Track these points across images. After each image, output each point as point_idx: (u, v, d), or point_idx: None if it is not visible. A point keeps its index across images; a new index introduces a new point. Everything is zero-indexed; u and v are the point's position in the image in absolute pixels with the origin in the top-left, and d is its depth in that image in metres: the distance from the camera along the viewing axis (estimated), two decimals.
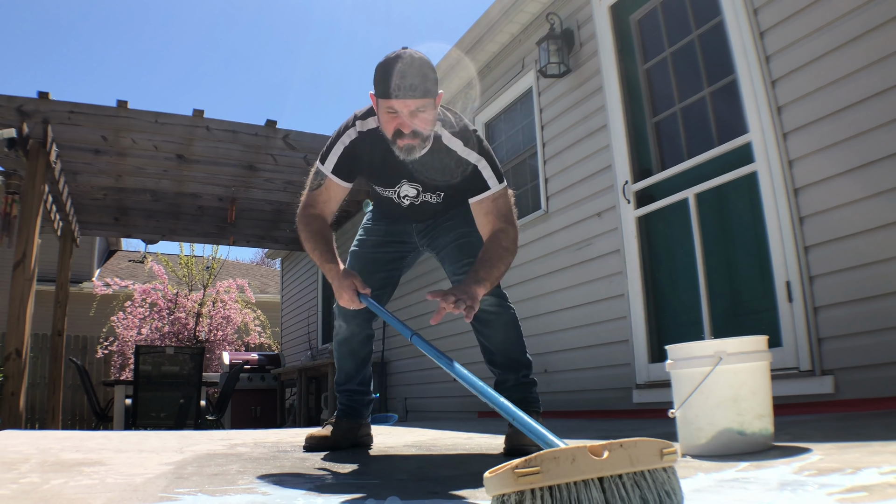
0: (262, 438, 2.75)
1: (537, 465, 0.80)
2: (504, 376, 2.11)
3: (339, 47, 66.60)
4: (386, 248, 2.25)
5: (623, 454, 0.85)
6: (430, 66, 1.76)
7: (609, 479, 0.84)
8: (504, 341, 2.10)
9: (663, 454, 0.88)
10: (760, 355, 1.57)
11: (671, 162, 3.43)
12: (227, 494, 1.31)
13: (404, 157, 1.82)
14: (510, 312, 2.11)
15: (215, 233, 7.92)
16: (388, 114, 1.76)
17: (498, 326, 2.09)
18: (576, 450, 0.83)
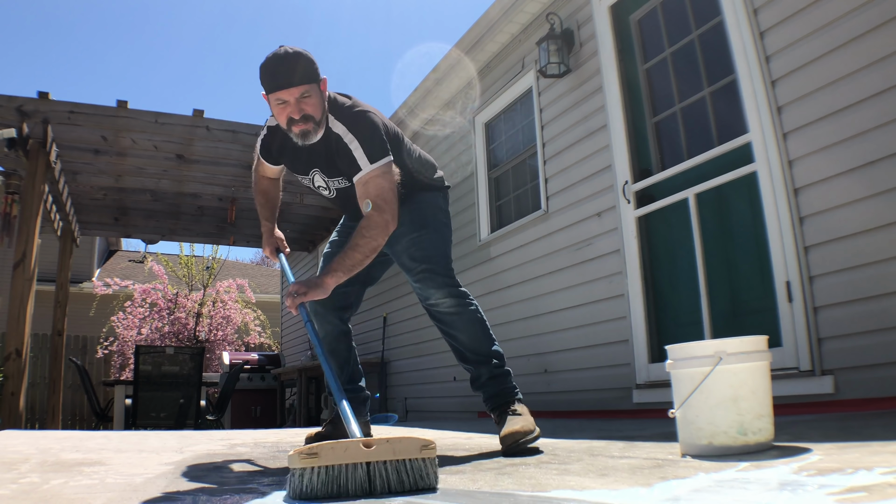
0: (262, 438, 2.75)
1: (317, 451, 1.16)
2: (477, 372, 2.12)
3: (339, 47, 66.61)
4: None
5: (388, 447, 1.20)
6: (307, 56, 1.89)
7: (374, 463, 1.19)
8: (470, 339, 2.11)
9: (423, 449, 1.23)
10: (760, 355, 1.57)
11: (671, 162, 3.43)
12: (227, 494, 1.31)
13: (302, 143, 1.93)
14: (470, 310, 2.13)
15: (215, 233, 7.92)
16: (278, 106, 1.88)
17: (461, 326, 2.11)
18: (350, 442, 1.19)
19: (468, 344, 2.11)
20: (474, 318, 2.13)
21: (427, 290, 2.10)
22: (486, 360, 2.11)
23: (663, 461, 1.54)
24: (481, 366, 2.11)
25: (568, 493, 1.19)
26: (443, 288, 2.09)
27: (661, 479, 1.27)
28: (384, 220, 1.87)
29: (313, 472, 1.15)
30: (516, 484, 1.34)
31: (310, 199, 6.95)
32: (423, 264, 2.09)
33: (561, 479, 1.39)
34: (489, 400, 2.08)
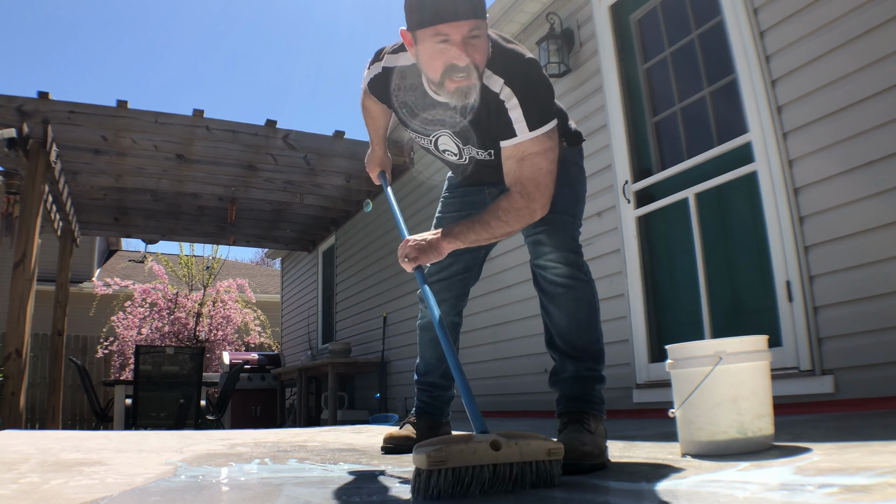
0: (262, 438, 2.75)
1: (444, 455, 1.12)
2: (562, 364, 1.72)
3: (339, 47, 66.60)
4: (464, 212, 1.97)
5: (516, 449, 1.17)
6: None
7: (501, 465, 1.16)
8: (569, 323, 1.69)
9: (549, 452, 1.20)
10: (760, 355, 1.57)
11: (671, 162, 3.43)
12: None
13: (457, 103, 1.49)
14: (586, 288, 1.70)
15: (215, 233, 7.92)
16: (435, 46, 1.42)
17: (564, 303, 1.68)
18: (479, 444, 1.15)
19: (564, 328, 1.69)
20: (584, 297, 1.69)
21: (541, 246, 1.69)
22: (579, 354, 1.70)
23: (663, 461, 1.54)
24: (569, 359, 1.70)
25: (567, 495, 1.19)
26: (560, 250, 1.67)
27: (661, 479, 1.27)
28: (531, 209, 1.51)
29: (440, 473, 1.12)
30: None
31: (310, 198, 6.95)
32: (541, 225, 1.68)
33: (561, 479, 1.39)
34: (563, 401, 1.69)
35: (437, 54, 1.43)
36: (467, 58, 1.41)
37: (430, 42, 1.43)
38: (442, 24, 1.39)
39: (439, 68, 1.44)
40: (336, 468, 1.69)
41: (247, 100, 67.53)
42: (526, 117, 1.48)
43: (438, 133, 1.70)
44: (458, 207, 2.00)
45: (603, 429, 1.62)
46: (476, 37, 1.42)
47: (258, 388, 8.47)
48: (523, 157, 1.51)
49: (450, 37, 1.40)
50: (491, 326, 4.66)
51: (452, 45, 1.40)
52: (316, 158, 5.96)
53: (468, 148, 1.69)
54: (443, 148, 1.75)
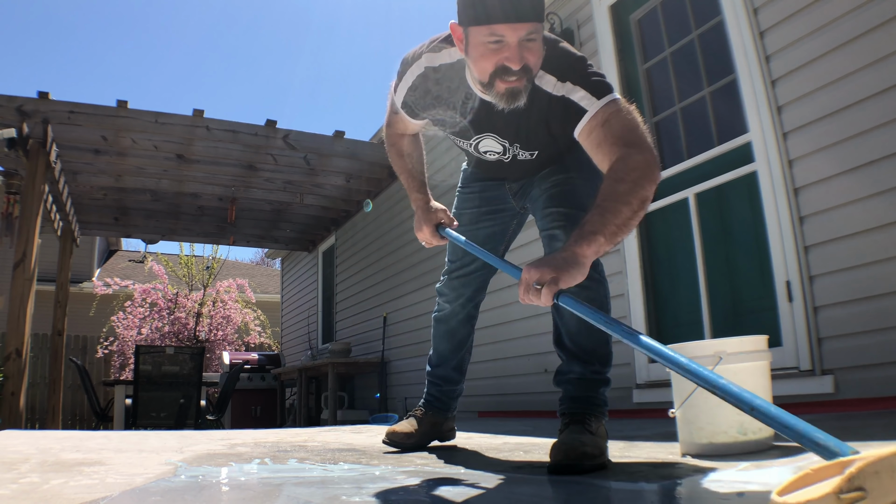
0: (262, 438, 2.75)
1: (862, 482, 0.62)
2: (569, 366, 1.69)
3: (339, 47, 66.64)
4: (483, 222, 1.95)
5: None
6: None
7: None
8: (579, 324, 1.64)
9: None
10: (760, 355, 1.57)
11: (671, 161, 3.43)
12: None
13: (506, 105, 1.41)
14: (599, 288, 1.65)
15: (215, 233, 7.93)
16: (488, 45, 1.36)
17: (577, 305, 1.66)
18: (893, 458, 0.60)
19: (574, 328, 1.66)
20: (597, 299, 1.64)
21: (556, 241, 1.64)
22: (587, 357, 1.68)
23: (663, 461, 1.54)
24: (576, 361, 1.68)
25: (566, 495, 1.19)
26: None
27: (661, 479, 1.27)
28: (646, 160, 1.33)
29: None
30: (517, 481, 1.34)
31: (310, 198, 6.95)
32: (563, 208, 1.63)
33: (560, 479, 1.39)
34: (566, 401, 1.67)
35: (490, 54, 1.37)
36: (521, 61, 1.35)
37: (483, 41, 1.37)
38: (499, 25, 1.33)
39: (489, 69, 1.38)
40: (336, 468, 1.69)
41: (247, 100, 67.58)
42: (591, 91, 1.42)
43: (483, 136, 1.64)
44: (476, 203, 1.95)
45: (604, 430, 1.62)
46: (533, 40, 1.36)
47: (258, 388, 8.47)
48: (607, 119, 1.39)
49: (505, 38, 1.34)
50: (491, 326, 4.65)
51: (507, 46, 1.35)
52: (316, 158, 5.96)
53: (514, 147, 1.64)
54: (484, 149, 1.69)
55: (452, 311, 2.04)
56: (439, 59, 1.57)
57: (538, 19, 1.35)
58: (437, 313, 2.11)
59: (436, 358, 2.12)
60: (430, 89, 1.61)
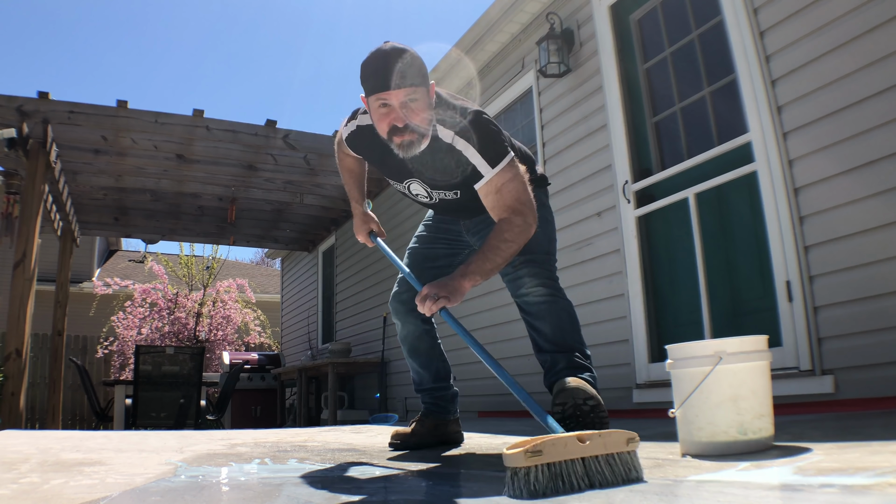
0: (262, 438, 2.75)
1: (541, 448, 1.14)
2: (553, 360, 1.90)
3: (339, 47, 66.65)
4: (438, 244, 2.20)
5: (600, 441, 1.21)
6: (416, 56, 1.69)
7: (589, 458, 1.19)
8: (554, 329, 1.91)
9: (628, 442, 1.24)
10: (760, 355, 1.57)
11: (671, 161, 3.43)
12: None
13: (404, 155, 1.74)
14: (564, 302, 1.94)
15: (215, 233, 7.93)
16: (379, 110, 1.69)
17: (547, 315, 1.91)
18: (568, 437, 1.18)
19: (550, 334, 1.91)
20: (566, 309, 1.93)
21: (521, 279, 1.93)
22: (566, 349, 1.89)
23: (663, 461, 1.54)
24: (559, 354, 1.90)
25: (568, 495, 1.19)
26: (538, 277, 1.92)
27: (661, 479, 1.27)
28: (527, 224, 1.71)
29: (538, 469, 1.14)
30: None
31: (310, 198, 6.95)
32: (521, 256, 1.86)
33: None
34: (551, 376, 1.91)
35: (382, 117, 1.70)
36: (405, 119, 1.67)
37: (375, 107, 1.70)
38: (382, 93, 1.66)
39: (385, 128, 1.71)
40: (336, 468, 1.69)
41: (247, 100, 67.60)
42: (485, 157, 1.72)
43: (409, 181, 1.93)
44: (433, 231, 2.21)
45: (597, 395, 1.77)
46: (414, 100, 1.67)
47: (258, 388, 8.47)
48: (499, 188, 1.72)
49: (389, 102, 1.66)
50: (491, 326, 4.65)
51: (392, 109, 1.67)
52: (316, 158, 5.96)
53: (436, 192, 1.92)
54: (415, 192, 1.98)
55: (407, 329, 2.21)
56: (367, 119, 1.87)
57: (414, 84, 1.66)
58: (398, 334, 2.27)
59: (416, 375, 2.29)
60: (362, 143, 1.96)
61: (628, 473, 1.23)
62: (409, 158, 1.77)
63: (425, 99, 1.71)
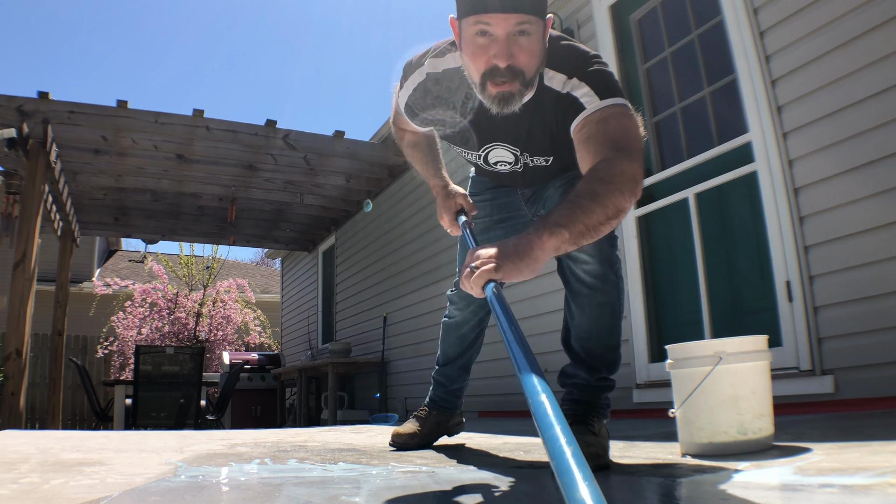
0: (263, 438, 2.75)
1: None
2: (575, 369, 1.66)
3: (339, 47, 66.67)
4: (495, 231, 1.88)
5: None
6: None
7: None
8: (590, 328, 1.60)
9: None
10: (760, 355, 1.57)
11: (671, 161, 3.43)
12: None
13: (498, 111, 1.32)
14: (613, 292, 1.58)
15: (215, 233, 7.93)
16: (477, 40, 1.28)
17: (588, 307, 1.58)
18: None
19: (584, 332, 1.61)
20: (609, 303, 1.59)
21: None
22: (594, 363, 1.63)
23: (663, 461, 1.54)
24: (582, 366, 1.64)
25: None
26: (597, 246, 1.53)
27: (661, 479, 1.27)
28: (634, 169, 1.20)
29: None
30: (517, 481, 1.34)
31: (310, 198, 6.95)
32: None
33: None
34: (568, 403, 1.65)
35: (479, 50, 1.28)
36: (509, 58, 1.26)
37: (472, 34, 1.28)
38: (485, 14, 1.24)
39: (480, 68, 1.30)
40: (336, 468, 1.69)
41: (247, 100, 67.62)
42: (596, 89, 1.33)
43: (491, 147, 1.55)
44: (488, 212, 1.89)
45: (605, 430, 1.63)
46: (524, 33, 1.26)
47: (258, 388, 8.47)
48: (604, 118, 1.30)
49: (493, 29, 1.25)
50: (491, 326, 4.65)
51: (495, 40, 1.26)
52: (316, 158, 5.96)
53: (525, 155, 1.55)
54: (495, 161, 1.60)
55: (464, 318, 2.04)
56: (443, 63, 1.49)
57: (533, 12, 1.25)
58: (448, 319, 2.10)
59: (443, 358, 2.13)
60: (432, 96, 1.53)
61: None
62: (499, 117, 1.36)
63: (540, 35, 1.29)
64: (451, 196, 1.74)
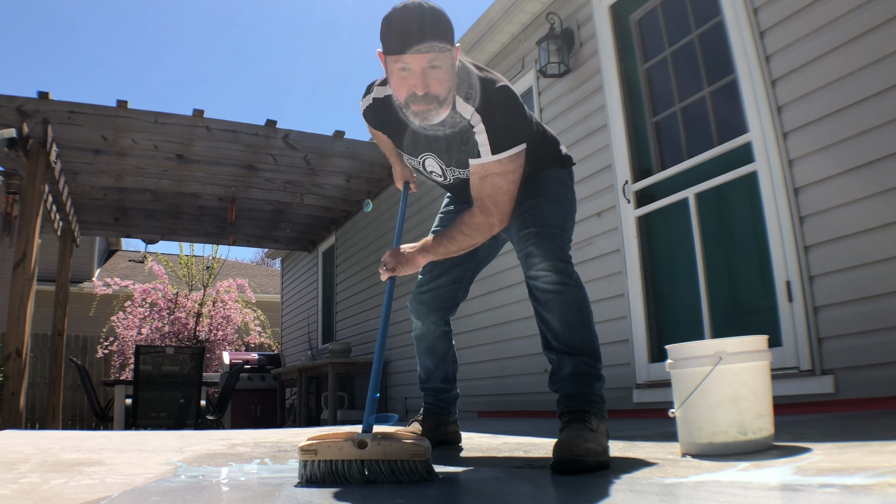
0: (263, 438, 2.75)
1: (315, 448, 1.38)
2: (560, 362, 1.73)
3: (339, 47, 66.68)
4: None
5: (379, 449, 1.38)
6: (443, 15, 1.53)
7: (368, 461, 1.38)
8: (563, 325, 1.73)
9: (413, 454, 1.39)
10: (760, 355, 1.57)
11: (671, 162, 3.43)
12: None
13: (420, 124, 1.61)
14: (576, 292, 1.74)
15: (215, 233, 7.92)
16: (398, 73, 1.54)
17: (556, 308, 1.73)
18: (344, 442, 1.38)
19: (558, 330, 1.73)
20: (575, 301, 1.73)
21: (531, 257, 1.75)
22: (574, 351, 1.72)
23: (663, 461, 1.54)
24: (566, 356, 1.73)
25: (566, 494, 1.19)
26: (549, 259, 1.73)
27: (661, 479, 1.27)
28: (489, 223, 1.69)
29: (314, 464, 1.37)
30: (517, 481, 1.34)
31: (310, 198, 6.95)
32: (532, 228, 1.75)
33: (560, 478, 1.39)
34: (563, 400, 1.70)
35: (400, 81, 1.55)
36: (425, 87, 1.53)
37: (394, 69, 1.55)
38: (404, 55, 1.50)
39: (403, 94, 1.57)
40: None
41: (247, 100, 67.62)
42: (490, 141, 1.60)
43: (425, 155, 1.83)
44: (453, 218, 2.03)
45: (605, 428, 1.64)
46: (436, 67, 1.52)
47: (258, 388, 8.47)
48: (485, 175, 1.64)
49: (409, 66, 1.51)
50: (491, 326, 4.66)
51: (412, 74, 1.52)
52: (316, 158, 5.96)
53: (451, 169, 1.81)
54: (429, 170, 1.88)
55: (426, 328, 2.15)
56: (385, 90, 1.78)
57: (441, 49, 1.50)
58: (414, 332, 2.21)
59: (423, 373, 2.23)
60: (379, 115, 1.85)
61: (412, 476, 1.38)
62: (425, 130, 1.67)
63: (448, 66, 1.55)
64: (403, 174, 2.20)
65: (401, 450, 1.38)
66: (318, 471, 1.37)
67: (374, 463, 1.37)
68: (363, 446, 1.37)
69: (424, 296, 2.11)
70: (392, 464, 1.38)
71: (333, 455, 1.37)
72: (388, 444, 1.38)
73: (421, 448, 1.39)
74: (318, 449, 1.37)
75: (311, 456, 1.37)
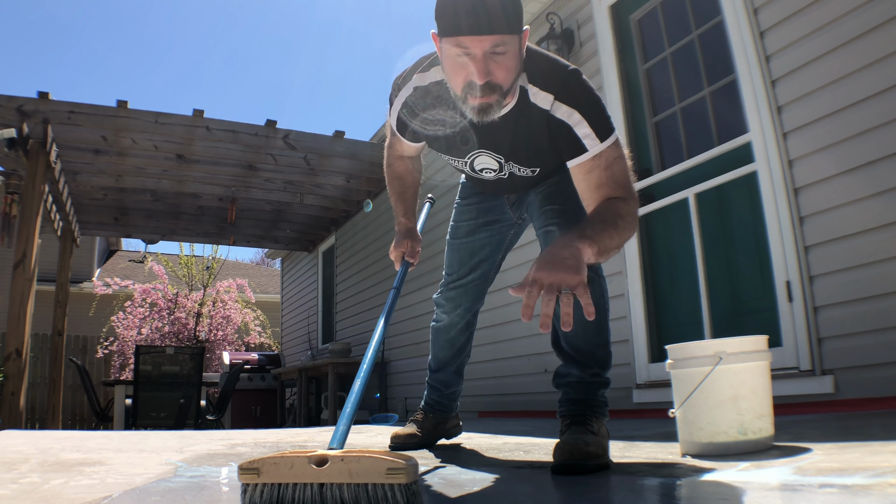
0: (263, 438, 2.75)
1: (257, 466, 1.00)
2: (567, 368, 1.68)
3: (339, 47, 66.69)
4: (480, 233, 1.98)
5: (343, 467, 0.98)
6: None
7: (328, 485, 0.98)
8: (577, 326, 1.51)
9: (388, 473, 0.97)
10: (760, 355, 1.57)
11: (671, 162, 3.43)
12: None
13: (479, 120, 1.41)
14: (596, 288, 1.61)
15: (215, 233, 7.92)
16: (455, 59, 1.35)
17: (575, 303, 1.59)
18: (297, 458, 0.99)
19: (569, 332, 1.55)
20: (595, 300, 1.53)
21: (552, 236, 1.66)
22: (584, 360, 1.65)
23: (663, 461, 1.54)
24: (574, 364, 1.66)
25: (567, 495, 1.19)
26: None
27: (661, 479, 1.27)
28: (637, 211, 1.42)
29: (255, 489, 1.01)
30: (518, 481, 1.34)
31: (310, 198, 6.95)
32: (558, 205, 1.64)
33: (560, 479, 1.39)
34: (565, 403, 1.66)
35: (458, 68, 1.36)
36: (486, 75, 1.33)
37: (451, 53, 1.35)
38: (464, 37, 1.31)
39: (460, 83, 1.37)
40: None
41: (247, 100, 67.64)
42: (595, 131, 1.42)
43: (477, 153, 1.62)
44: (474, 215, 1.99)
45: (605, 429, 1.63)
46: (501, 53, 1.33)
47: (258, 388, 8.47)
48: (609, 164, 1.42)
49: (470, 50, 1.32)
50: (491, 326, 4.65)
51: (473, 59, 1.32)
52: (316, 158, 5.96)
53: (509, 164, 1.63)
54: (480, 167, 1.67)
55: (451, 321, 2.08)
56: (429, 77, 1.57)
57: (507, 31, 1.31)
58: (436, 323, 2.14)
59: (435, 363, 2.17)
60: (420, 108, 1.61)
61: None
62: (483, 125, 1.45)
63: (516, 51, 1.36)
64: (408, 237, 1.91)
65: (372, 469, 0.98)
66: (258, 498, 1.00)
67: (336, 487, 0.99)
68: (322, 464, 0.99)
69: (452, 292, 2.04)
70: (360, 488, 0.98)
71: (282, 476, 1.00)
72: (356, 462, 0.98)
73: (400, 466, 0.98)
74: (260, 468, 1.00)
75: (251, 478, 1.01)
